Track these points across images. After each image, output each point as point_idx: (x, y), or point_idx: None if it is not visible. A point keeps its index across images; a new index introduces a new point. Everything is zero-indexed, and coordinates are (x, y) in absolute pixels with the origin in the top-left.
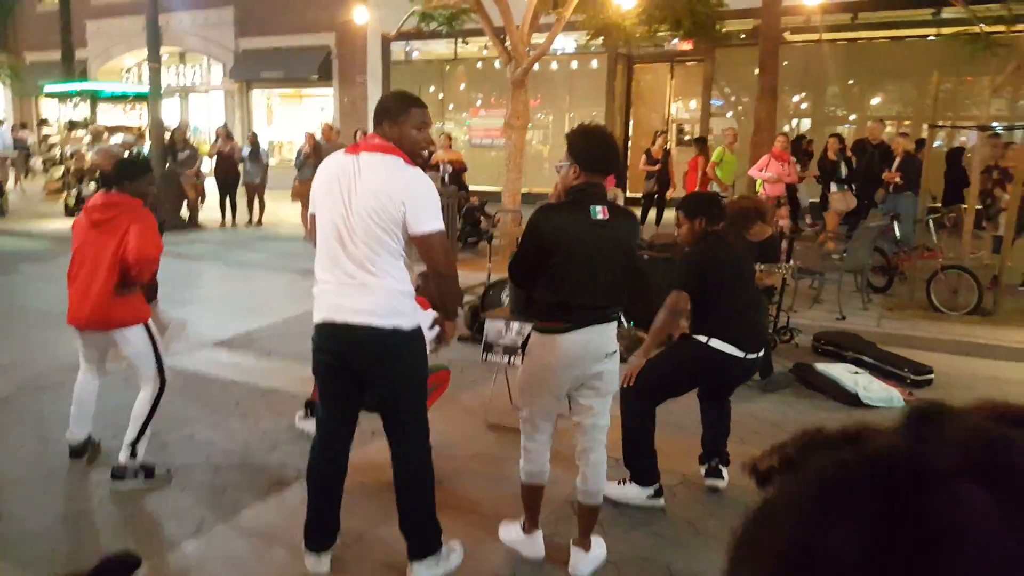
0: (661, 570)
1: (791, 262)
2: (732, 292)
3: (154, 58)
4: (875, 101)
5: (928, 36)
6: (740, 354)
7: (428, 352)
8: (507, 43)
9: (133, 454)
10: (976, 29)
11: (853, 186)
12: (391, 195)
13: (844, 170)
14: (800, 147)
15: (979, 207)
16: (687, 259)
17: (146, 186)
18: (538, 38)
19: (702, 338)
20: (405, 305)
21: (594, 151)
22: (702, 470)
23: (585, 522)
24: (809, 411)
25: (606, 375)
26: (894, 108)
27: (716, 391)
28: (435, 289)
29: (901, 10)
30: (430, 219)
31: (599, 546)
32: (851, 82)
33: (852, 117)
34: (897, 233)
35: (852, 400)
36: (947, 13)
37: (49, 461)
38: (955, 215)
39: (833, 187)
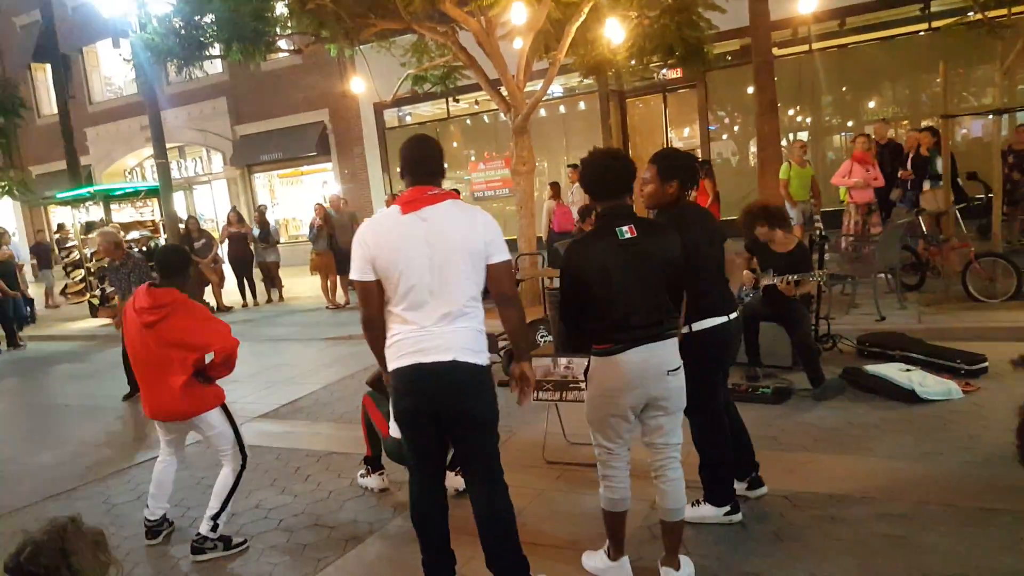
0: None
1: (823, 269)
2: (707, 264)
3: (160, 154)
4: (871, 104)
5: (919, 32)
6: (724, 319)
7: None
8: (504, 93)
9: (215, 527)
10: (975, 17)
11: (959, 182)
12: (475, 233)
13: (940, 166)
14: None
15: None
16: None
17: (188, 278)
18: (531, 85)
19: (683, 331)
20: (482, 342)
21: (600, 177)
22: (742, 485)
23: (671, 541)
24: (868, 413)
25: (671, 392)
26: (891, 108)
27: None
28: (505, 319)
29: (889, 9)
30: (503, 250)
31: (687, 564)
32: (844, 88)
33: (850, 124)
34: (924, 228)
35: (909, 397)
36: (936, 6)
37: (127, 544)
38: (980, 203)
39: (926, 185)
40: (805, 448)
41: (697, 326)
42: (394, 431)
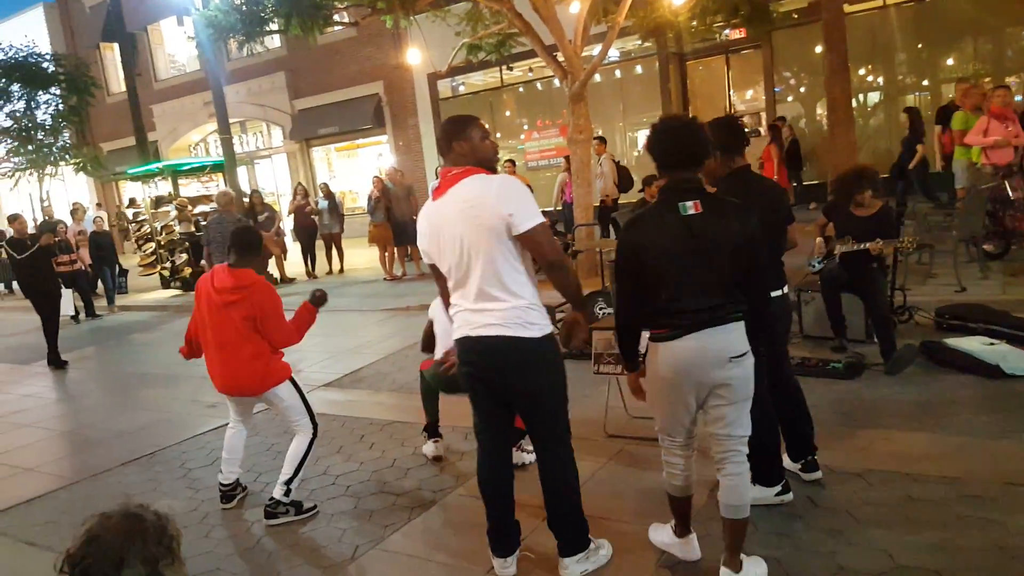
0: (825, 560)
1: (907, 237)
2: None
3: (224, 129)
4: (951, 61)
5: None
6: (785, 290)
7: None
8: (560, 59)
9: (287, 492)
10: None
11: None
12: (493, 208)
13: None
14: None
15: None
16: None
17: (264, 258)
18: (588, 50)
19: None
20: (532, 316)
21: (668, 146)
22: (796, 466)
23: (732, 539)
24: (946, 388)
25: (734, 381)
26: (972, 67)
27: (773, 345)
28: (554, 282)
29: None
30: (530, 216)
31: (757, 565)
32: (921, 45)
33: (925, 83)
34: (1010, 194)
35: (993, 372)
36: None
37: (203, 508)
38: None
39: None
40: (880, 425)
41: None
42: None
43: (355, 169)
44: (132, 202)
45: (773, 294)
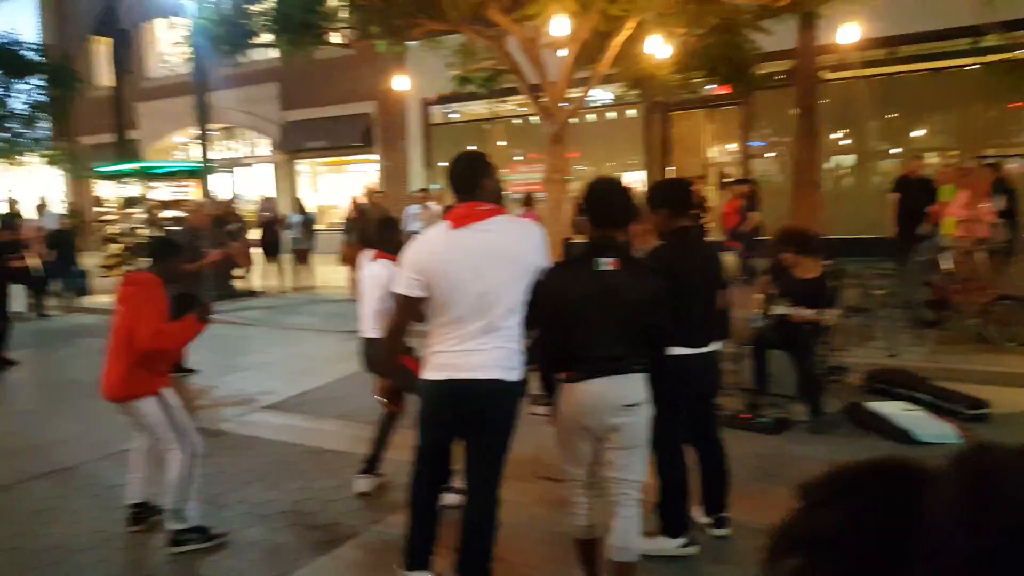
0: None
1: (834, 307)
2: (691, 297)
3: (204, 137)
4: (918, 134)
5: (967, 67)
6: (688, 350)
7: None
8: (543, 100)
9: (181, 519)
10: (1020, 55)
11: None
12: (532, 258)
13: (1003, 202)
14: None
15: None
16: (652, 261)
17: (175, 267)
18: (574, 92)
19: None
20: (519, 359)
21: (600, 205)
22: (707, 520)
23: None
24: (861, 450)
25: (625, 428)
26: (938, 140)
27: (699, 402)
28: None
29: (940, 41)
30: (546, 256)
31: None
32: (893, 116)
33: (898, 150)
34: (941, 265)
35: (905, 438)
36: (988, 41)
37: (111, 528)
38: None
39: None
40: (795, 482)
41: None
42: None
43: (340, 185)
44: (98, 200)
45: (686, 351)
